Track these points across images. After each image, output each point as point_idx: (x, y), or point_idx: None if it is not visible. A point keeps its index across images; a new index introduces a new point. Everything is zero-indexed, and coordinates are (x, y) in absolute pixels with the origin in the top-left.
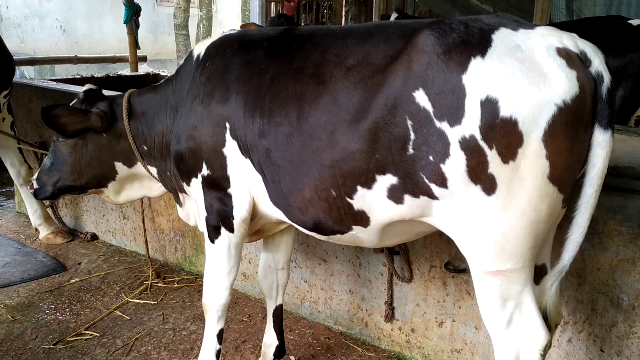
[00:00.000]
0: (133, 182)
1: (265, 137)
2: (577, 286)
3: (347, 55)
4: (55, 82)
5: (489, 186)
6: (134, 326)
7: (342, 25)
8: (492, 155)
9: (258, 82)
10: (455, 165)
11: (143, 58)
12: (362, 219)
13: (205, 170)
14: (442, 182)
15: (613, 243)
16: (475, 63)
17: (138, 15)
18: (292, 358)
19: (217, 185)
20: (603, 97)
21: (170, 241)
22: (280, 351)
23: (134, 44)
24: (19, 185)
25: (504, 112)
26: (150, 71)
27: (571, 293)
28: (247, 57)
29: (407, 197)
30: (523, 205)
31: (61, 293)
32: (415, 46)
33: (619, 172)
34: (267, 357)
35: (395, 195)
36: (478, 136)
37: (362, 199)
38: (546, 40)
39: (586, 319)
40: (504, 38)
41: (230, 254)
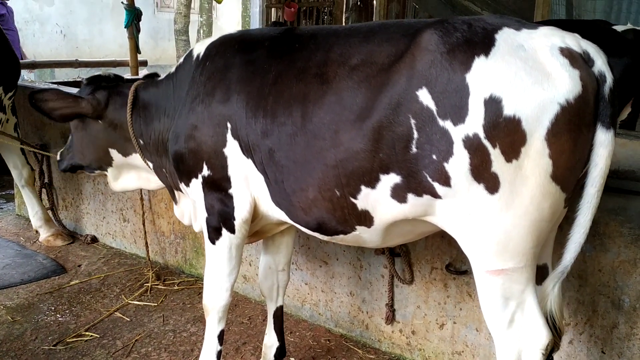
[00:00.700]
0: (130, 172)
1: (268, 137)
2: (578, 287)
3: (351, 54)
4: (56, 85)
5: (492, 185)
6: (134, 328)
7: (345, 25)
8: (496, 154)
9: (260, 82)
10: (458, 164)
11: (144, 62)
12: (366, 219)
13: (205, 170)
14: (446, 181)
15: (614, 244)
16: (478, 62)
17: (139, 19)
18: None
19: (218, 185)
20: (605, 97)
21: (170, 244)
22: (280, 353)
23: (135, 48)
24: (21, 187)
25: (508, 111)
26: None
27: (572, 294)
28: (249, 57)
29: (411, 196)
30: (526, 204)
31: (61, 295)
32: (418, 45)
33: (620, 176)
34: (268, 359)
35: (398, 194)
36: (481, 135)
37: (366, 199)
38: (549, 40)
39: (587, 321)
40: (507, 37)
41: (231, 255)
